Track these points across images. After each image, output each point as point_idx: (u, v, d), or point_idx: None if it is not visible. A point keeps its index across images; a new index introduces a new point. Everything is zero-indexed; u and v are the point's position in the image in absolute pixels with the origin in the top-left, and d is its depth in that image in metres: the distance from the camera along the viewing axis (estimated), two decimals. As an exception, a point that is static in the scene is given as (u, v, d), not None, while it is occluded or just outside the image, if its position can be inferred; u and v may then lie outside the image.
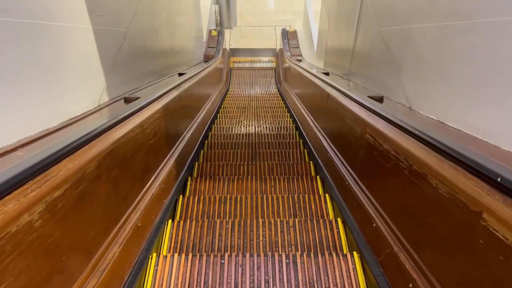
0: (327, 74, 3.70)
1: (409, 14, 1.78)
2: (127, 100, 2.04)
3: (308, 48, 6.98)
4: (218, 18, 9.36)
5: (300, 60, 6.23)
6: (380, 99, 2.08)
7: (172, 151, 2.28)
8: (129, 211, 1.47)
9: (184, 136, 2.71)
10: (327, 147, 2.49)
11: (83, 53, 1.71)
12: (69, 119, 1.50)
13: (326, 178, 2.34)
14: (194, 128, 3.10)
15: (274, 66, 8.44)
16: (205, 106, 4.09)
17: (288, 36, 7.34)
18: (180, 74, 3.76)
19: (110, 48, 2.06)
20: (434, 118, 1.56)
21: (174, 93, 2.43)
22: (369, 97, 2.02)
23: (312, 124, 3.20)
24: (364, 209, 1.64)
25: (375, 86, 2.41)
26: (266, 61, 8.60)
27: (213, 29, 7.61)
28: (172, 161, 2.21)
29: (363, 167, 1.74)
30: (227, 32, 9.39)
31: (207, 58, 6.64)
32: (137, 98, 1.99)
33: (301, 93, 4.34)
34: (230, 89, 7.30)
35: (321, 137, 2.73)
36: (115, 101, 2.03)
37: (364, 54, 2.71)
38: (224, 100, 6.01)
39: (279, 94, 6.58)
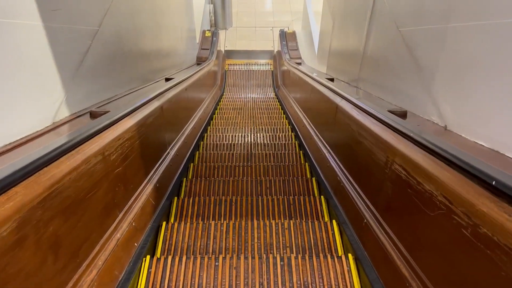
0: (331, 80, 3.35)
1: (447, 10, 1.43)
2: (94, 115, 1.67)
3: (308, 50, 6.65)
4: (213, 18, 9.01)
5: (299, 63, 5.89)
6: (403, 114, 1.72)
7: (150, 176, 1.90)
8: (78, 273, 1.10)
9: (168, 153, 2.34)
10: (335, 168, 2.13)
11: (28, 58, 1.34)
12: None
13: (335, 207, 1.98)
14: (181, 142, 2.73)
15: (272, 69, 8.10)
16: (196, 114, 3.72)
17: (287, 37, 7.01)
18: (167, 79, 3.39)
19: (71, 51, 1.69)
20: (484, 144, 1.21)
21: (155, 104, 2.06)
22: (389, 111, 1.67)
23: (316, 138, 2.84)
24: (397, 271, 1.28)
25: (393, 97, 2.06)
26: (263, 64, 8.26)
27: (207, 30, 7.26)
28: (149, 188, 1.84)
29: (389, 207, 1.38)
30: (222, 33, 9.04)
31: (200, 61, 6.28)
32: (106, 112, 1.62)
33: (302, 101, 3.99)
34: (224, 94, 6.94)
35: (327, 154, 2.37)
36: (78, 117, 1.66)
37: (377, 58, 2.36)
38: (218, 106, 5.65)
39: (277, 100, 6.23)
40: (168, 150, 2.36)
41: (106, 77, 2.15)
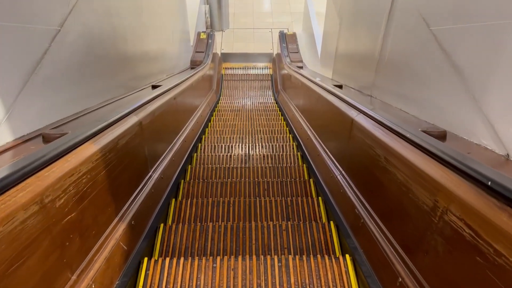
0: (339, 86, 3.00)
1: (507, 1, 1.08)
2: (47, 139, 1.31)
3: (309, 53, 6.32)
4: (209, 19, 8.68)
5: (301, 67, 5.54)
6: (441, 136, 1.37)
7: (122, 213, 1.54)
8: None
9: (150, 177, 1.98)
10: (352, 198, 1.78)
11: None
12: None
13: (355, 250, 1.62)
14: (168, 161, 2.37)
15: (271, 72, 7.76)
16: (187, 125, 3.36)
17: (287, 39, 6.67)
18: (154, 87, 3.03)
19: (17, 58, 1.33)
20: None
21: (131, 121, 1.70)
22: (423, 131, 1.32)
23: (324, 155, 2.49)
24: None
25: (420, 110, 1.71)
26: (262, 67, 7.92)
27: (202, 32, 6.92)
28: (121, 229, 1.47)
29: (437, 270, 1.01)
30: (218, 35, 8.71)
31: (194, 64, 5.94)
32: (63, 135, 1.26)
33: (306, 110, 3.64)
34: (221, 99, 6.59)
35: (340, 178, 2.01)
36: (25, 142, 1.30)
37: (398, 63, 2.01)
38: (213, 113, 5.30)
39: (277, 106, 5.88)
40: (150, 173, 2.00)
41: (73, 88, 1.79)
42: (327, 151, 2.41)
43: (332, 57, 3.84)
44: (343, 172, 2.02)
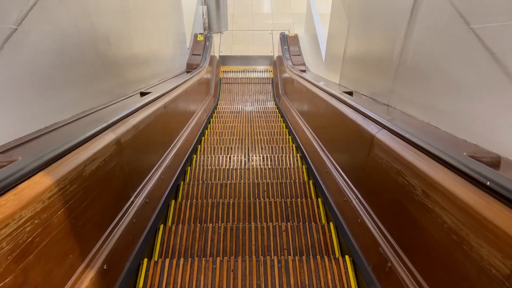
0: (349, 93, 2.72)
1: None
2: (-10, 168, 1.02)
3: (312, 56, 6.05)
4: (207, 20, 8.42)
5: (304, 71, 5.27)
6: (495, 163, 1.08)
7: (92, 255, 1.24)
8: None
9: (132, 203, 1.69)
10: (376, 235, 1.48)
11: None
12: None
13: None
14: (156, 180, 2.08)
15: (271, 76, 7.49)
16: (180, 135, 3.07)
17: (288, 41, 6.40)
18: (142, 94, 2.75)
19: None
20: None
21: (106, 140, 1.41)
22: (471, 156, 1.03)
23: (335, 174, 2.20)
24: None
25: (459, 127, 1.42)
26: (262, 71, 7.65)
27: (200, 34, 6.65)
28: (88, 277, 1.18)
29: None
30: (216, 37, 8.45)
31: (190, 68, 5.66)
32: (12, 162, 0.97)
33: (311, 117, 3.35)
34: (219, 104, 6.31)
35: (357, 205, 1.72)
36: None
37: (424, 68, 1.73)
38: (210, 120, 5.01)
39: (278, 112, 5.60)
40: (131, 199, 1.70)
41: (38, 98, 1.51)
42: (339, 169, 2.11)
43: (339, 61, 3.56)
44: (360, 197, 1.72)
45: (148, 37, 3.37)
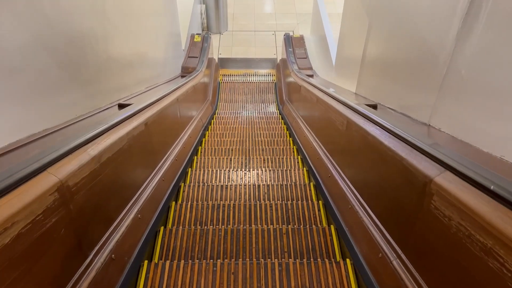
0: (373, 106, 2.27)
1: None
2: None
3: (320, 59, 5.61)
4: (205, 20, 8.00)
5: (311, 76, 4.82)
6: None
7: None
8: None
9: (91, 264, 1.23)
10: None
11: None
12: None
13: None
14: (121, 236, 1.62)
15: (275, 80, 7.05)
16: (168, 156, 2.62)
17: (294, 43, 5.96)
18: (121, 106, 2.30)
19: None
20: None
21: (35, 190, 0.95)
22: None
23: (367, 219, 1.74)
24: None
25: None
26: (265, 74, 7.21)
27: (197, 34, 6.22)
28: None
29: None
30: (215, 38, 8.03)
31: (186, 72, 5.22)
32: None
33: (324, 135, 2.89)
34: (218, 112, 5.87)
35: (407, 279, 1.25)
36: None
37: (489, 82, 1.27)
38: (206, 132, 4.56)
39: (283, 121, 5.15)
40: (88, 259, 1.25)
41: None
42: (373, 216, 1.63)
43: (354, 65, 3.11)
44: (407, 262, 1.26)
45: (133, 38, 2.93)
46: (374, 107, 2.27)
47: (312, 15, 6.68)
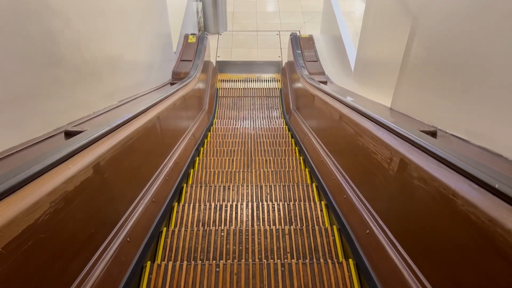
0: (432, 134, 1.62)
1: None
2: None
3: (332, 62, 4.97)
4: (202, 20, 7.38)
5: (324, 82, 4.16)
6: None
7: None
8: None
9: None
10: None
11: None
12: None
13: None
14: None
15: (280, 86, 6.41)
16: (151, 186, 1.97)
17: (302, 44, 5.31)
18: (68, 135, 1.65)
19: None
20: None
21: None
22: None
23: (406, 272, 1.08)
24: None
25: None
26: (268, 80, 6.57)
27: (191, 34, 5.59)
28: None
29: None
30: (213, 39, 7.41)
31: (177, 78, 4.59)
32: None
33: (359, 175, 2.22)
34: (215, 123, 5.23)
35: None
36: None
37: None
38: (201, 148, 3.90)
39: (290, 135, 4.49)
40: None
41: None
42: (411, 264, 0.98)
43: (388, 72, 2.45)
44: None
45: (99, 37, 2.28)
46: (433, 134, 1.61)
47: (322, 13, 6.04)
